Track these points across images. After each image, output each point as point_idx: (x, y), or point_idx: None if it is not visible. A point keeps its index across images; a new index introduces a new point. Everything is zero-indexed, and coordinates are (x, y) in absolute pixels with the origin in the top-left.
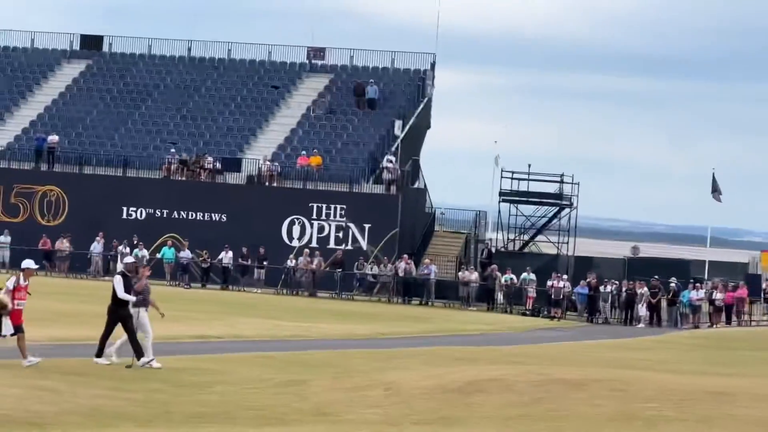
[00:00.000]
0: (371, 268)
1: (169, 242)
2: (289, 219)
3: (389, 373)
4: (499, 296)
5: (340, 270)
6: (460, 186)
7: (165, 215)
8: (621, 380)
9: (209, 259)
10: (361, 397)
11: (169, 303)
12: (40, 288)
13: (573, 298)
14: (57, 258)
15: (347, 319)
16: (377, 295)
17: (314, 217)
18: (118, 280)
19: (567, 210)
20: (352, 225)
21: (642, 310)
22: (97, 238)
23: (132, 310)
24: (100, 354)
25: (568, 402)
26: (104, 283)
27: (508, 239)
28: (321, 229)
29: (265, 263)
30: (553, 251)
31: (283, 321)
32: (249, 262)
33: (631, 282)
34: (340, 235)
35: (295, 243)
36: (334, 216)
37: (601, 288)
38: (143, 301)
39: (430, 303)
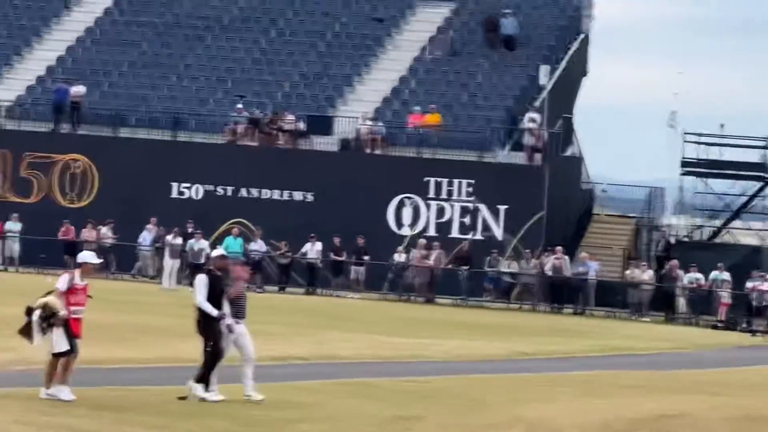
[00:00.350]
0: (508, 265)
1: (236, 230)
2: (397, 199)
3: (532, 406)
4: (681, 303)
5: (466, 268)
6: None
7: (230, 194)
8: None
9: (290, 254)
10: None
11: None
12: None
13: None
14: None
15: (475, 333)
16: (516, 301)
17: (431, 195)
18: (201, 282)
19: None
20: (482, 207)
21: None
22: (149, 227)
23: (225, 325)
24: (200, 381)
25: None
26: (152, 287)
27: (693, 226)
28: (441, 212)
29: (365, 259)
30: (755, 242)
31: (389, 336)
32: (343, 257)
33: None
34: (467, 220)
35: (406, 231)
36: (459, 194)
37: None
38: (239, 312)
39: (587, 312)
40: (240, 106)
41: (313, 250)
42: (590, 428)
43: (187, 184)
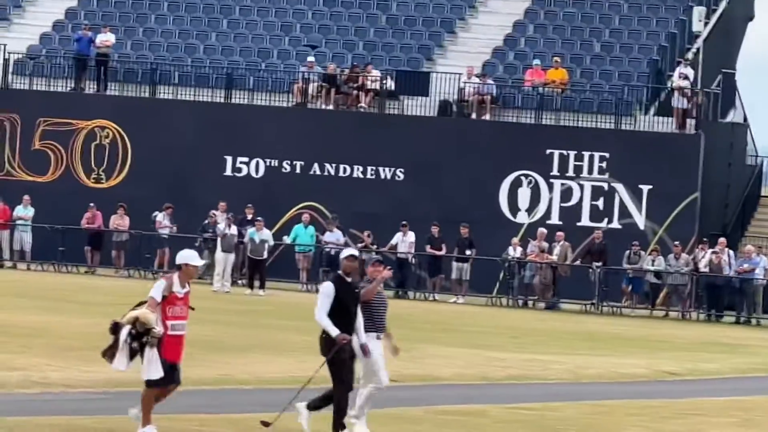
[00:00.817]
0: (653, 262)
1: (306, 217)
2: (511, 176)
3: None
4: None
5: (599, 265)
6: None
7: (298, 171)
8: None
9: (375, 246)
10: None
11: (306, 322)
12: (86, 294)
13: None
14: (114, 243)
15: (610, 347)
16: (662, 306)
17: (555, 173)
18: (325, 291)
19: None
20: (619, 186)
21: None
22: (217, 212)
23: (356, 341)
24: (337, 427)
25: None
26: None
27: None
28: (567, 193)
29: (470, 253)
30: None
31: (500, 352)
32: (443, 251)
33: None
34: (600, 204)
35: (523, 218)
36: (590, 171)
37: None
38: (374, 322)
39: (754, 320)
40: (311, 59)
41: (404, 242)
42: None
43: (245, 159)
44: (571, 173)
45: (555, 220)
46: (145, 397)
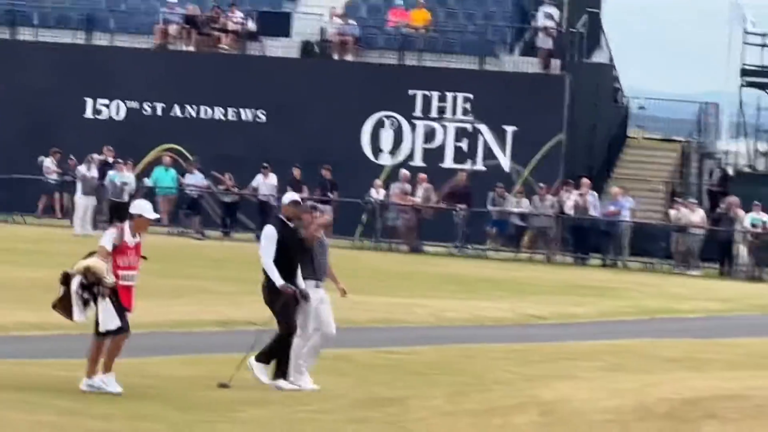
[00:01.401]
0: (517, 204)
1: (167, 159)
2: (374, 118)
3: (548, 385)
4: (742, 251)
5: (463, 207)
6: (674, 61)
7: (159, 113)
8: None
9: (236, 188)
10: (498, 429)
11: (170, 264)
12: None
13: None
14: None
15: (475, 290)
16: (527, 249)
17: (418, 114)
18: (269, 236)
19: None
20: (483, 128)
21: None
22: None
23: (297, 295)
24: (264, 359)
25: None
26: (63, 232)
27: (756, 152)
28: (430, 135)
29: (332, 195)
30: None
31: (364, 295)
32: (305, 194)
33: None
34: (464, 145)
35: (386, 160)
36: (453, 112)
37: None
38: (315, 269)
39: (620, 263)
40: (172, 0)
41: (265, 184)
42: (623, 412)
43: (106, 101)
44: (434, 114)
45: (418, 161)
46: (95, 347)
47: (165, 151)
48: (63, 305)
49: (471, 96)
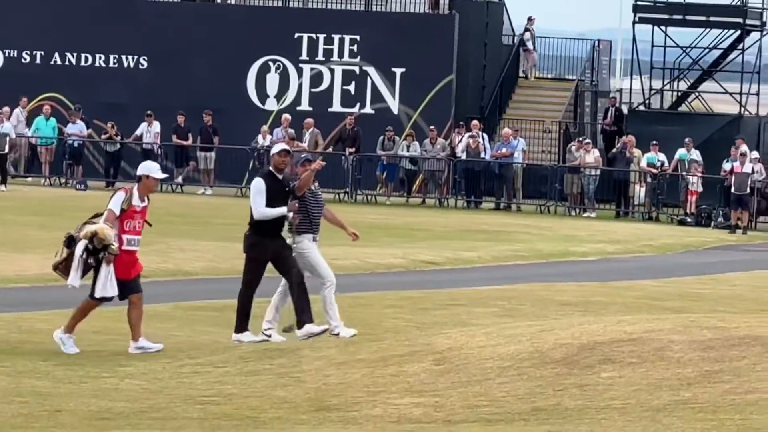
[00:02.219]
0: (407, 148)
1: (47, 108)
2: (259, 62)
3: (442, 332)
4: (638, 192)
5: (352, 152)
6: None
7: (38, 60)
8: None
9: (119, 137)
10: (391, 378)
11: (51, 217)
12: None
13: None
14: None
15: (366, 236)
16: (419, 194)
17: (304, 57)
18: (258, 187)
19: (757, 36)
20: (371, 70)
21: None
22: None
23: (290, 239)
24: (242, 327)
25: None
26: None
27: (651, 90)
28: (317, 78)
29: (215, 140)
30: (733, 109)
31: None
32: (189, 141)
33: None
34: (351, 89)
35: (272, 105)
36: (340, 55)
37: None
38: (311, 222)
39: (513, 206)
40: None
41: (149, 132)
42: (519, 358)
43: None
44: (320, 57)
45: (305, 106)
46: (84, 308)
47: (45, 100)
48: (64, 267)
49: (358, 38)
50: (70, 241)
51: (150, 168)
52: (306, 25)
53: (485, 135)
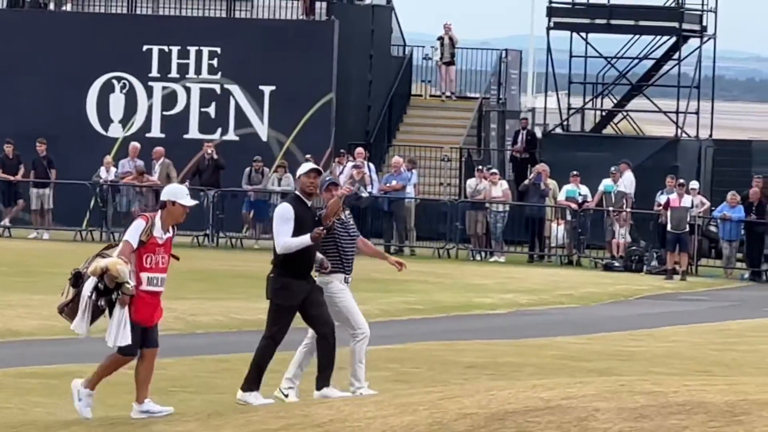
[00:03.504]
0: (279, 181)
1: None
2: (101, 80)
3: (324, 400)
4: (556, 231)
5: (213, 189)
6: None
7: None
8: None
9: None
10: None
11: None
12: None
13: (713, 229)
14: None
15: (230, 289)
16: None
17: (154, 74)
18: (284, 215)
19: (695, 44)
20: (235, 88)
21: None
22: None
23: (320, 279)
24: (252, 385)
25: None
26: None
27: (569, 109)
28: (170, 99)
29: (52, 174)
30: (669, 131)
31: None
32: (20, 176)
33: None
34: (212, 111)
35: (117, 131)
36: (197, 71)
37: None
38: (343, 259)
39: (407, 249)
40: None
41: None
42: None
43: None
44: (174, 74)
45: (156, 132)
46: (110, 364)
47: None
48: (70, 310)
49: (218, 50)
50: (77, 279)
51: (176, 192)
52: (156, 35)
53: (371, 165)
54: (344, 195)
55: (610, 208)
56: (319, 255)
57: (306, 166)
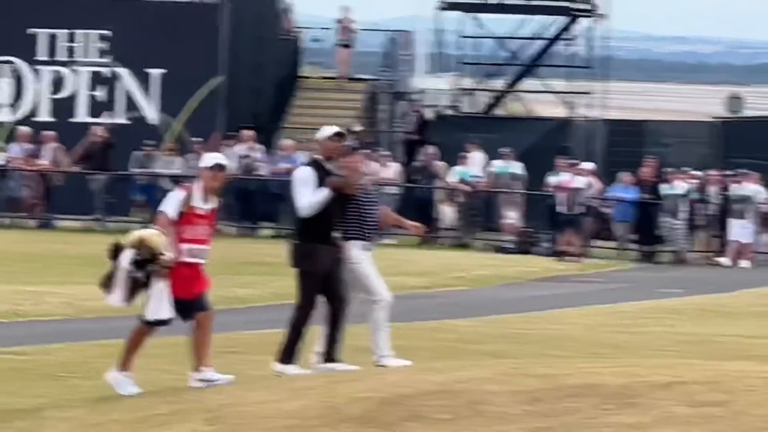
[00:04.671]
0: (168, 164)
1: None
2: None
3: (212, 388)
4: (447, 213)
5: (101, 173)
6: None
7: None
8: (713, 382)
9: None
10: None
11: None
12: None
13: (605, 210)
14: None
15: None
16: None
17: (42, 57)
18: (303, 177)
19: (585, 23)
20: (124, 72)
21: (741, 231)
22: None
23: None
24: (288, 357)
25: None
26: None
27: (460, 90)
28: (58, 83)
29: None
30: (559, 112)
31: None
32: None
33: (730, 173)
34: (100, 95)
35: (6, 116)
36: (86, 54)
37: (665, 188)
38: (363, 226)
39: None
40: None
41: None
42: (308, 416)
43: None
44: (62, 57)
45: (45, 116)
46: (136, 336)
47: None
48: (107, 283)
49: (108, 33)
50: (116, 251)
51: (205, 159)
52: (42, 18)
53: (262, 147)
54: (361, 168)
55: (502, 189)
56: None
57: (329, 130)
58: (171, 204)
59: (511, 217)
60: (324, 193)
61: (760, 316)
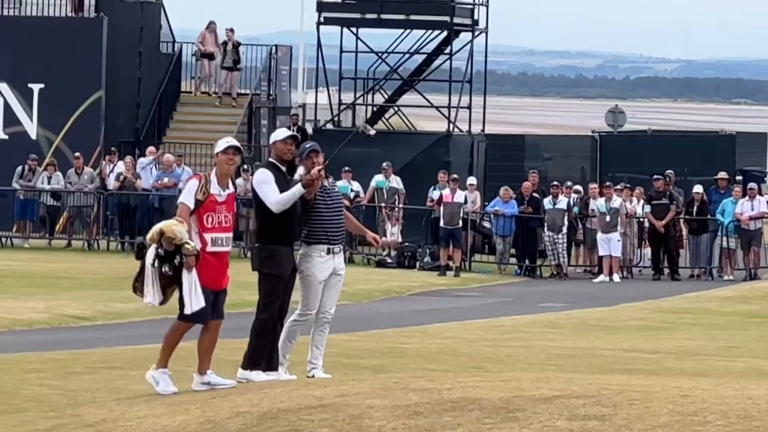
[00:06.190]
0: (49, 180)
1: None
2: None
3: (95, 400)
4: None
5: None
6: None
7: None
8: (594, 395)
9: None
10: None
11: None
12: None
13: (486, 224)
14: None
15: (2, 288)
16: (64, 234)
17: None
18: (263, 178)
19: (466, 38)
20: (4, 86)
21: (609, 244)
22: None
23: (301, 250)
24: (253, 363)
25: None
26: None
27: (340, 105)
28: None
29: None
30: (441, 126)
31: None
32: None
33: (608, 185)
34: None
35: None
36: None
37: (547, 202)
38: (326, 228)
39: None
40: None
41: None
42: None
43: None
44: None
45: None
46: (174, 333)
47: None
48: (141, 284)
49: None
50: (140, 251)
51: (218, 143)
52: None
53: (132, 161)
54: (319, 172)
55: (382, 204)
56: (299, 172)
57: (282, 132)
58: (188, 194)
59: (391, 233)
60: (297, 189)
61: (640, 330)
